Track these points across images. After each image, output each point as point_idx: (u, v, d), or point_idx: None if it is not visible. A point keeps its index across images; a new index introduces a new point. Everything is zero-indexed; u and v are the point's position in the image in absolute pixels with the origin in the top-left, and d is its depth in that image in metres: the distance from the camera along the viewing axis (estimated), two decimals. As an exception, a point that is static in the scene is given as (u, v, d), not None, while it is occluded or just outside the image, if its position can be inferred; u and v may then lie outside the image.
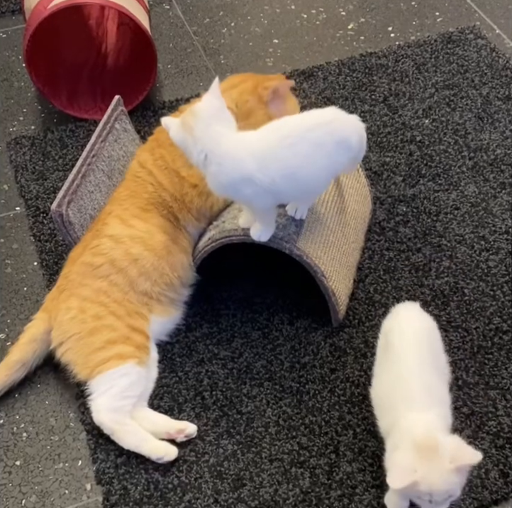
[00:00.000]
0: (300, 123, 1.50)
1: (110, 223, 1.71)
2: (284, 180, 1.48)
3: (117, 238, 1.69)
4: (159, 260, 1.68)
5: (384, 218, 1.97)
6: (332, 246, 1.73)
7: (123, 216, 1.71)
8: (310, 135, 1.48)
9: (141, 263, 1.67)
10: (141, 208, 1.72)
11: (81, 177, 1.77)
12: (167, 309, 1.72)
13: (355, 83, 2.34)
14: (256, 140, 1.49)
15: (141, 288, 1.67)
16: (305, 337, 1.74)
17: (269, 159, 1.47)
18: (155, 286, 1.68)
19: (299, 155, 1.47)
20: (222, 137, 1.46)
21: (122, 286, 1.66)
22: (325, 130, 1.49)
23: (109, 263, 1.67)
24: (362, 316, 1.77)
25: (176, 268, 1.70)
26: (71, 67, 2.38)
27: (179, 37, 2.56)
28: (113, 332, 1.62)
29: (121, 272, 1.66)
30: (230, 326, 1.78)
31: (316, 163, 1.50)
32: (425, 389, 1.39)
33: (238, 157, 1.46)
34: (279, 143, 1.47)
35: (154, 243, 1.69)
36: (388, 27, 2.55)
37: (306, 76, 2.38)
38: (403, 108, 2.25)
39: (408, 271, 1.85)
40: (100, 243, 1.68)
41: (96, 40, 2.44)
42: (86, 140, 2.20)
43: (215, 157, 1.45)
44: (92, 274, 1.67)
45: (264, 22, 2.60)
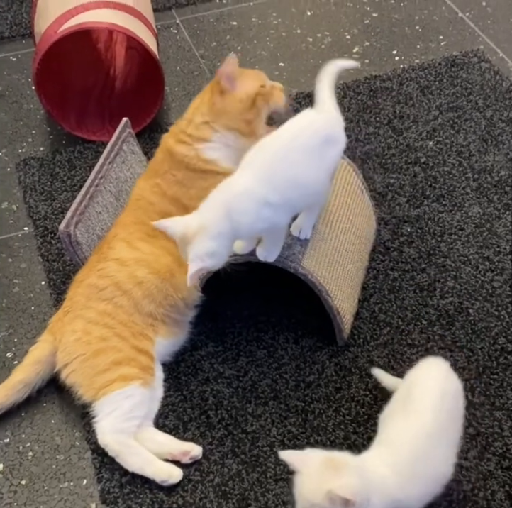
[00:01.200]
0: (281, 135, 1.54)
1: (116, 246, 1.71)
2: (292, 190, 1.52)
3: (122, 261, 1.69)
4: (163, 282, 1.68)
5: (388, 238, 1.97)
6: (336, 265, 1.73)
7: (128, 240, 1.72)
8: (295, 144, 1.52)
9: (145, 286, 1.67)
10: (147, 233, 1.73)
11: (88, 198, 1.78)
12: (171, 330, 1.72)
13: (360, 105, 2.35)
14: (248, 171, 1.51)
15: (146, 310, 1.67)
16: (310, 356, 1.74)
17: (272, 178, 1.50)
18: (160, 307, 1.68)
19: (294, 164, 1.51)
20: (218, 201, 1.49)
21: (127, 308, 1.66)
22: (307, 134, 1.53)
23: (114, 285, 1.67)
24: (367, 335, 1.76)
25: (180, 290, 1.70)
26: (80, 89, 2.40)
27: (186, 60, 2.58)
28: (118, 353, 1.62)
29: (126, 295, 1.66)
30: (235, 344, 1.77)
31: (312, 166, 1.53)
32: (413, 460, 1.34)
33: (246, 193, 1.49)
34: (272, 160, 1.51)
35: (158, 265, 1.69)
36: (392, 50, 2.56)
37: (312, 99, 2.37)
38: (407, 130, 2.26)
39: (412, 291, 1.85)
40: (106, 266, 1.69)
41: (105, 63, 2.46)
42: (94, 162, 2.21)
43: (230, 211, 1.47)
44: (97, 297, 1.67)
45: (270, 45, 2.62)
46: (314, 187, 1.56)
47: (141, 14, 2.29)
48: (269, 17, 2.73)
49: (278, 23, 2.70)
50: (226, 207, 1.48)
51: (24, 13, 2.75)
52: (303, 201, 1.59)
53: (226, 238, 1.49)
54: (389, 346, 1.74)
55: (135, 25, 2.22)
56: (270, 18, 2.72)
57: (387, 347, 1.74)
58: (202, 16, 2.74)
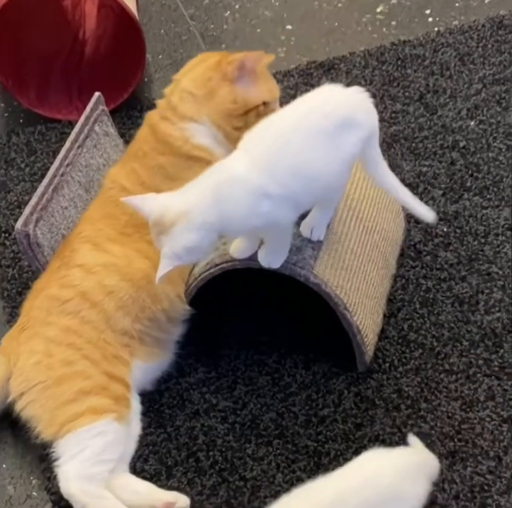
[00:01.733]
0: (288, 114, 1.53)
1: (81, 248, 1.72)
2: (297, 182, 1.50)
3: (88, 268, 1.69)
4: (138, 290, 1.68)
5: (420, 239, 1.96)
6: (356, 273, 1.72)
7: (96, 240, 1.72)
8: (302, 125, 1.51)
9: (118, 295, 1.67)
10: (118, 231, 1.73)
11: (52, 190, 1.78)
12: (152, 351, 1.72)
13: (385, 77, 2.34)
14: (246, 154, 1.51)
15: (120, 325, 1.67)
16: (324, 384, 1.73)
17: (273, 166, 1.49)
18: (136, 322, 1.68)
19: (299, 150, 1.50)
20: (206, 185, 1.49)
21: (96, 324, 1.66)
22: (317, 116, 1.51)
23: (80, 296, 1.67)
24: (394, 359, 1.76)
25: (160, 300, 1.70)
26: (41, 57, 2.39)
27: (173, 21, 2.57)
28: (87, 380, 1.61)
29: (95, 307, 1.66)
30: (232, 369, 1.77)
31: (323, 153, 1.51)
32: None
33: (241, 181, 1.48)
34: (275, 143, 1.50)
35: (131, 270, 1.69)
36: (425, 9, 2.56)
37: (326, 70, 2.39)
38: (443, 107, 2.25)
39: (450, 304, 1.84)
40: (69, 273, 1.69)
41: (72, 24, 2.45)
42: (58, 145, 2.21)
43: (220, 201, 1.47)
44: (59, 310, 1.67)
45: (275, 4, 2.62)
46: (326, 180, 1.55)
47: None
48: (274, -31, 2.73)
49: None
50: (216, 193, 1.48)
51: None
52: (311, 196, 1.58)
53: (211, 231, 1.49)
54: (422, 372, 1.73)
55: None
56: (275, -30, 2.72)
57: (419, 373, 1.73)
58: (192, -32, 2.74)
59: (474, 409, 1.67)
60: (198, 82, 1.73)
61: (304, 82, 2.36)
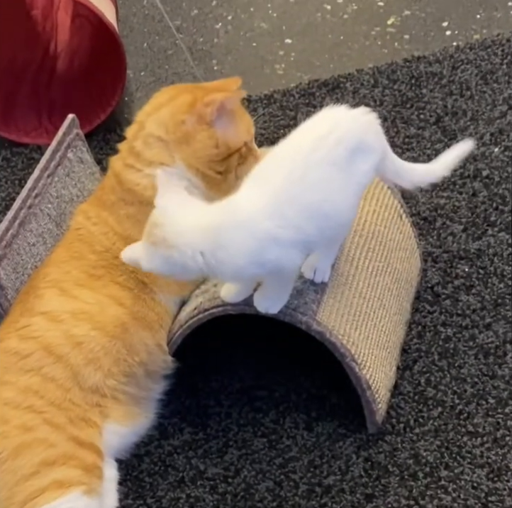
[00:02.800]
0: (298, 144, 1.55)
1: (46, 294, 1.71)
2: (312, 222, 1.52)
3: (54, 316, 1.69)
4: (111, 340, 1.68)
5: (438, 281, 1.96)
6: (366, 320, 1.72)
7: (62, 285, 1.72)
8: (314, 157, 1.52)
9: (88, 347, 1.67)
10: (87, 273, 1.74)
11: (18, 225, 1.78)
12: (128, 411, 1.71)
13: (397, 98, 2.36)
14: (254, 191, 1.52)
15: (89, 382, 1.66)
16: (329, 448, 1.72)
17: (284, 207, 1.50)
18: (109, 378, 1.68)
19: (316, 186, 1.52)
20: (211, 218, 1.51)
21: (62, 382, 1.65)
22: (329, 144, 1.54)
23: (42, 350, 1.66)
24: (410, 419, 1.75)
25: (136, 351, 1.70)
26: (7, 72, 2.40)
27: (157, 34, 2.60)
28: (50, 449, 1.59)
29: (60, 362, 1.66)
30: (223, 430, 1.76)
31: (337, 187, 1.54)
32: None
33: (247, 224, 1.50)
34: (286, 182, 1.51)
35: (104, 318, 1.69)
36: (442, 22, 2.58)
37: (330, 89, 2.40)
38: (463, 132, 2.26)
39: (473, 356, 1.83)
40: (30, 322, 1.69)
41: (42, 36, 2.47)
42: (25, 172, 2.22)
43: (217, 244, 1.49)
44: (18, 367, 1.66)
45: (272, 15, 2.64)
46: (340, 216, 1.57)
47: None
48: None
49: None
50: (215, 235, 1.49)
51: None
52: (324, 236, 1.59)
53: (194, 268, 1.51)
54: (442, 435, 1.72)
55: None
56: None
57: (439, 436, 1.72)
58: (178, -26, 2.77)
59: (502, 478, 1.65)
60: (168, 126, 1.73)
61: (305, 103, 2.37)
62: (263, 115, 2.34)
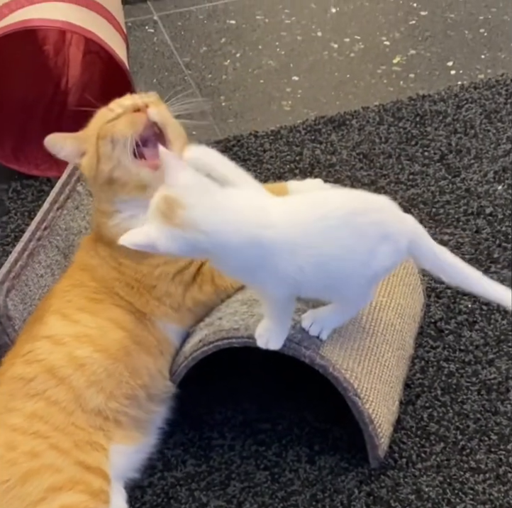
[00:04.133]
0: (344, 203, 1.58)
1: (49, 321, 1.72)
2: (314, 270, 1.53)
3: (57, 339, 1.69)
4: (114, 363, 1.68)
5: (441, 316, 1.96)
6: (369, 354, 1.71)
7: (64, 311, 1.73)
8: (353, 220, 1.55)
9: (90, 369, 1.67)
10: (89, 298, 1.74)
11: (27, 257, 1.79)
12: (131, 435, 1.70)
13: (402, 135, 2.37)
14: (284, 214, 1.54)
15: (92, 404, 1.66)
16: (331, 482, 1.70)
17: (299, 242, 1.52)
18: (111, 400, 1.67)
19: (337, 242, 1.54)
20: (229, 208, 1.51)
21: (64, 405, 1.65)
22: (371, 219, 1.57)
23: (46, 373, 1.66)
24: (412, 454, 1.73)
25: (139, 374, 1.70)
26: (19, 106, 2.41)
27: (166, 70, 2.61)
28: (57, 474, 1.58)
29: (63, 384, 1.65)
30: (225, 463, 1.74)
31: (354, 256, 1.56)
32: None
33: (259, 235, 1.50)
34: (315, 223, 1.54)
35: (106, 341, 1.70)
36: (447, 61, 2.59)
37: (336, 126, 2.41)
38: (467, 169, 2.27)
39: (476, 391, 1.83)
40: (34, 347, 1.69)
41: (54, 71, 2.48)
42: (35, 205, 2.22)
43: (226, 239, 1.49)
44: (23, 393, 1.65)
45: (280, 53, 2.65)
46: (342, 282, 1.59)
47: (107, 11, 2.32)
48: (280, 14, 2.78)
49: (291, 22, 2.75)
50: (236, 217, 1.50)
51: None
52: (317, 291, 1.61)
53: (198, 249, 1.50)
54: (444, 470, 1.71)
55: (98, 24, 2.24)
56: (281, 16, 2.77)
57: (441, 471, 1.71)
58: (188, 12, 2.79)
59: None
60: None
61: (311, 139, 2.38)
62: (270, 150, 2.35)
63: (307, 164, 2.31)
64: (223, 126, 2.44)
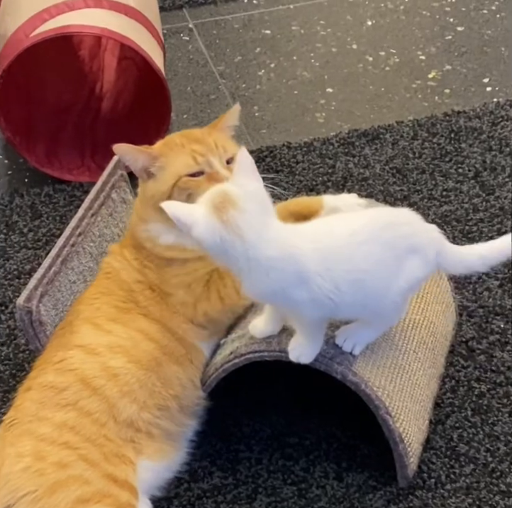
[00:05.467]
0: (372, 219, 1.61)
1: (81, 329, 1.72)
2: (351, 288, 1.55)
3: (91, 349, 1.69)
4: (146, 373, 1.68)
5: (473, 336, 1.95)
6: (401, 372, 1.70)
7: (96, 320, 1.73)
8: (382, 235, 1.58)
9: (123, 379, 1.67)
10: (117, 307, 1.75)
11: (61, 263, 1.79)
12: (161, 448, 1.69)
13: (436, 151, 2.36)
14: (317, 233, 1.56)
15: (125, 415, 1.65)
16: (358, 500, 1.69)
17: (335, 259, 1.54)
18: (144, 411, 1.67)
19: (369, 257, 1.56)
20: (272, 229, 1.53)
21: (97, 416, 1.64)
22: (398, 232, 1.61)
23: (79, 382, 1.66)
24: (441, 474, 1.72)
25: (170, 384, 1.70)
26: (53, 111, 2.42)
27: (200, 78, 2.61)
28: (85, 486, 1.58)
29: (96, 394, 1.65)
30: (252, 476, 1.74)
31: (387, 270, 1.58)
32: None
33: (296, 253, 1.52)
34: (347, 240, 1.56)
35: (138, 352, 1.70)
36: (483, 78, 2.58)
37: (370, 139, 2.40)
38: (501, 187, 2.26)
39: (507, 413, 1.81)
40: (67, 355, 1.69)
41: (89, 77, 2.49)
42: (66, 209, 2.23)
43: (264, 255, 1.50)
44: (54, 402, 1.65)
45: (315, 64, 2.65)
46: (378, 298, 1.60)
47: (145, 18, 2.32)
48: (315, 25, 2.77)
49: (327, 34, 2.74)
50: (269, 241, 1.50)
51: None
52: (354, 311, 1.62)
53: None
54: (474, 492, 1.70)
55: (136, 31, 2.25)
56: (316, 27, 2.77)
57: (470, 493, 1.69)
58: (224, 20, 2.79)
59: (533, 539, 1.63)
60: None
61: (345, 152, 2.37)
62: (302, 162, 2.35)
63: (340, 177, 2.30)
64: (256, 136, 2.44)
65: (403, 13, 2.80)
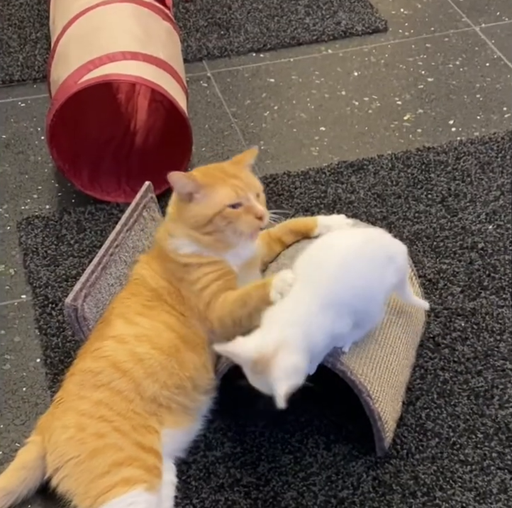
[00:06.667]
0: (349, 244, 1.63)
1: (114, 323, 1.73)
2: (358, 300, 1.60)
3: (121, 338, 1.70)
4: (167, 357, 1.68)
5: (438, 332, 1.95)
6: (380, 362, 1.71)
7: (126, 315, 1.74)
8: (367, 248, 1.61)
9: (148, 363, 1.67)
10: (144, 305, 1.75)
11: (101, 269, 1.80)
12: (179, 419, 1.70)
13: (410, 180, 2.36)
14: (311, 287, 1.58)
15: (149, 392, 1.66)
16: (344, 466, 1.70)
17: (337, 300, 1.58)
18: (164, 389, 1.67)
19: (361, 274, 1.60)
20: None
21: (126, 393, 1.65)
22: (377, 245, 1.64)
23: (111, 367, 1.66)
24: (412, 446, 1.73)
25: (186, 367, 1.70)
26: (95, 143, 2.43)
27: (216, 118, 2.61)
28: (119, 452, 1.59)
29: (125, 376, 1.66)
30: (257, 446, 1.74)
31: (375, 279, 1.62)
32: None
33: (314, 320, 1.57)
34: (338, 274, 1.58)
35: (161, 340, 1.70)
36: (449, 120, 2.58)
37: (355, 170, 2.41)
38: (463, 210, 2.26)
39: (466, 396, 1.82)
40: (102, 345, 1.69)
41: (125, 116, 2.49)
42: (106, 225, 2.24)
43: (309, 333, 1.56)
44: (91, 384, 1.66)
45: (310, 107, 2.65)
46: (373, 304, 1.65)
47: (172, 68, 2.33)
48: (311, 75, 2.77)
49: (320, 82, 2.75)
50: (303, 326, 1.54)
51: (38, 55, 2.80)
52: (363, 313, 1.65)
53: (305, 353, 1.54)
54: (438, 461, 1.70)
55: (165, 78, 2.25)
56: (312, 77, 2.77)
57: (435, 462, 1.70)
58: (236, 70, 2.79)
59: (487, 501, 1.63)
60: (172, 203, 1.79)
61: (335, 180, 2.38)
62: (300, 188, 2.36)
63: (330, 201, 2.31)
64: (262, 166, 2.44)
65: (383, 65, 2.81)
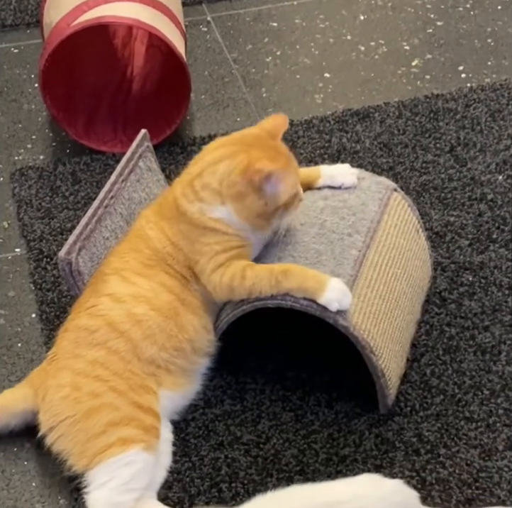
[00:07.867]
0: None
1: (110, 280, 1.71)
2: None
3: (117, 297, 1.68)
4: (166, 320, 1.67)
5: (445, 287, 1.94)
6: (384, 318, 1.70)
7: (123, 273, 1.72)
8: None
9: (146, 324, 1.66)
10: (143, 263, 1.73)
11: (96, 221, 1.78)
12: (178, 381, 1.70)
13: (417, 128, 2.34)
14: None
15: (147, 354, 1.65)
16: (345, 424, 1.70)
17: None
18: (163, 351, 1.67)
19: None
20: None
21: (123, 354, 1.64)
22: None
23: (108, 326, 1.65)
24: (416, 403, 1.73)
25: (185, 330, 1.69)
26: (90, 91, 2.40)
27: (216, 64, 2.58)
28: (115, 412, 1.59)
29: (122, 336, 1.65)
30: (257, 404, 1.75)
31: None
32: None
33: None
34: None
35: (159, 302, 1.69)
36: (458, 66, 2.55)
37: (361, 118, 2.39)
38: (472, 160, 2.24)
39: (472, 353, 1.81)
40: (98, 302, 1.68)
41: (121, 61, 2.46)
42: (102, 176, 2.22)
43: None
44: (87, 342, 1.65)
45: (314, 52, 2.62)
46: None
47: (171, 11, 2.30)
48: (315, 19, 2.74)
49: (325, 26, 2.71)
50: None
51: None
52: None
53: None
54: (442, 418, 1.70)
55: (162, 22, 2.22)
56: (316, 21, 2.73)
57: (440, 419, 1.70)
58: (237, 14, 2.75)
59: (492, 458, 1.63)
60: (223, 183, 1.67)
61: (339, 128, 2.35)
62: (303, 137, 2.34)
63: (334, 151, 2.29)
64: (264, 115, 2.41)
65: (390, 9, 2.76)
